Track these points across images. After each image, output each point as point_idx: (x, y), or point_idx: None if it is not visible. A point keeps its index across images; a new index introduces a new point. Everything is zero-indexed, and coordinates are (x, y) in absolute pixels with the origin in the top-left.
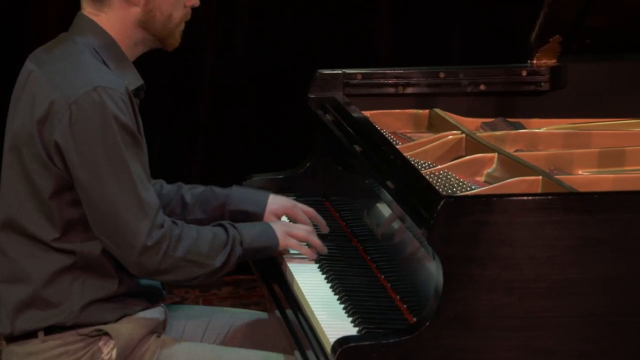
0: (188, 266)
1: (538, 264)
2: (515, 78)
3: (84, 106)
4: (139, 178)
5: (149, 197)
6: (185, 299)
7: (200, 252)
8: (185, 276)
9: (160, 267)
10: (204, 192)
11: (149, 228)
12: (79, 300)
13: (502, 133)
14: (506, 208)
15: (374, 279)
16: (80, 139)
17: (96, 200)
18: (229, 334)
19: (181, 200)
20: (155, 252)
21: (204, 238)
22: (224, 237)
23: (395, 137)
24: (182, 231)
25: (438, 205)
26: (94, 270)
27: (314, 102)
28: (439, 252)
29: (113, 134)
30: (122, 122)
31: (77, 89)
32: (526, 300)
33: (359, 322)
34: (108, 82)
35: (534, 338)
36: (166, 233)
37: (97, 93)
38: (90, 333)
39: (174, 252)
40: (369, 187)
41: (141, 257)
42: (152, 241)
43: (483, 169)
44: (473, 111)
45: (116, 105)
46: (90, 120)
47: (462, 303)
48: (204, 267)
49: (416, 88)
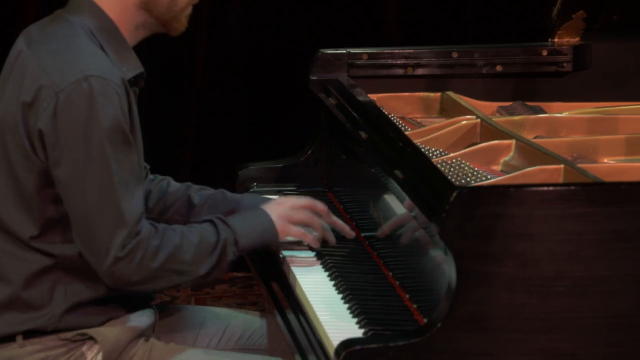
0: (167, 276)
1: (560, 261)
2: (535, 58)
3: (71, 96)
4: (121, 182)
5: (130, 204)
6: (176, 299)
7: (182, 260)
8: (165, 285)
9: (132, 278)
10: (214, 195)
11: (123, 237)
12: (62, 304)
13: (520, 118)
14: (525, 199)
15: (381, 276)
16: (62, 132)
17: (73, 202)
18: (224, 336)
19: (188, 201)
20: (127, 262)
21: (188, 243)
22: (212, 239)
23: (404, 122)
24: (162, 239)
25: (451, 197)
26: (78, 272)
27: (315, 84)
28: (452, 247)
29: (99, 130)
30: (111, 119)
31: (67, 76)
32: (546, 299)
33: (364, 323)
34: (102, 72)
35: (555, 341)
36: (142, 241)
37: (87, 83)
38: (73, 337)
39: (150, 262)
40: (376, 177)
41: (113, 267)
42: (125, 251)
43: (499, 157)
44: (489, 94)
45: (107, 98)
46: (76, 113)
47: (476, 303)
48: (186, 275)
49: (427, 69)
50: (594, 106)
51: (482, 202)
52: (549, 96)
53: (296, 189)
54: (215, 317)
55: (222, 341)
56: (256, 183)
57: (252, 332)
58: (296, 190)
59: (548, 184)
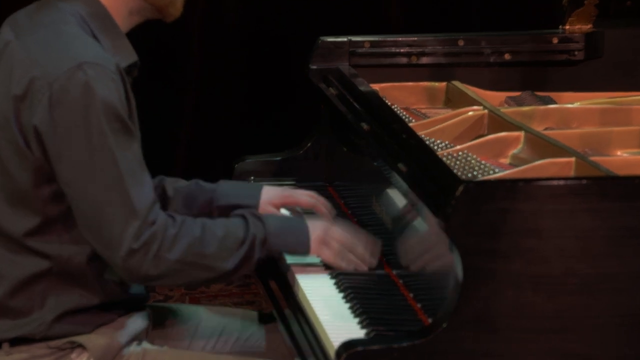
0: (188, 270)
1: (570, 257)
2: (545, 46)
3: (66, 86)
4: (128, 171)
5: (140, 193)
6: (169, 298)
7: (204, 253)
8: (186, 280)
9: (150, 272)
10: (189, 185)
11: (136, 228)
12: (53, 311)
13: (529, 109)
14: (534, 194)
15: (384, 274)
16: (61, 124)
17: (79, 196)
18: (220, 338)
19: (162, 193)
20: (143, 254)
21: (211, 235)
22: (240, 234)
23: (408, 113)
24: (180, 228)
25: (457, 191)
26: (72, 278)
27: (315, 74)
28: (458, 243)
29: (99, 119)
30: (110, 106)
31: (59, 65)
32: (556, 298)
33: (366, 323)
34: (96, 58)
35: (566, 341)
36: (157, 232)
37: (82, 71)
38: (62, 346)
39: (167, 254)
40: (378, 170)
41: (128, 261)
42: (140, 242)
43: (508, 150)
44: (496, 84)
45: (104, 85)
46: (73, 103)
47: (483, 301)
48: (210, 271)
49: (432, 58)
50: (607, 96)
51: (489, 197)
52: (560, 86)
53: (295, 183)
54: (211, 318)
55: (219, 343)
56: (253, 177)
57: (250, 333)
58: (295, 185)
59: (558, 178)
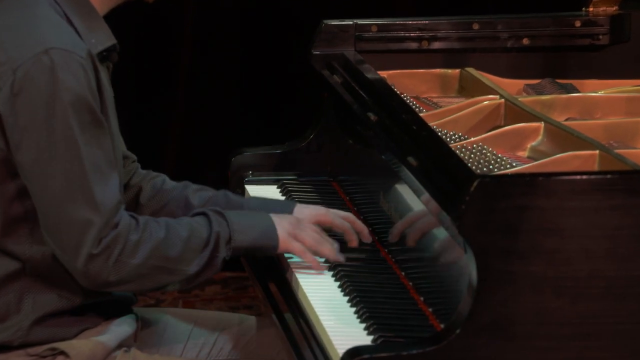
0: (151, 274)
1: (594, 259)
2: (566, 30)
3: (30, 72)
4: (93, 167)
5: (104, 192)
6: (161, 302)
7: (168, 256)
8: (149, 286)
9: (110, 278)
10: (215, 197)
11: (97, 230)
12: (30, 315)
13: (549, 98)
14: (555, 190)
15: (393, 276)
16: (23, 113)
17: (37, 190)
18: (216, 345)
19: (185, 202)
20: (104, 259)
21: (175, 237)
22: (204, 234)
23: (419, 102)
24: (143, 231)
25: (471, 186)
26: (48, 278)
27: (318, 60)
28: (473, 243)
29: (64, 109)
30: (78, 97)
31: (25, 50)
32: (579, 302)
33: (373, 329)
34: (64, 43)
35: (589, 349)
36: (120, 235)
37: (48, 56)
38: (43, 352)
39: (129, 259)
40: (386, 164)
41: (87, 265)
42: (101, 246)
43: (526, 142)
44: (514, 71)
45: (72, 73)
46: (37, 91)
47: (500, 306)
48: (174, 274)
49: (444, 42)
50: (634, 84)
51: (506, 193)
52: (583, 73)
53: (296, 178)
54: (205, 323)
55: (214, 350)
56: (251, 171)
57: (248, 339)
58: (297, 180)
59: (581, 172)
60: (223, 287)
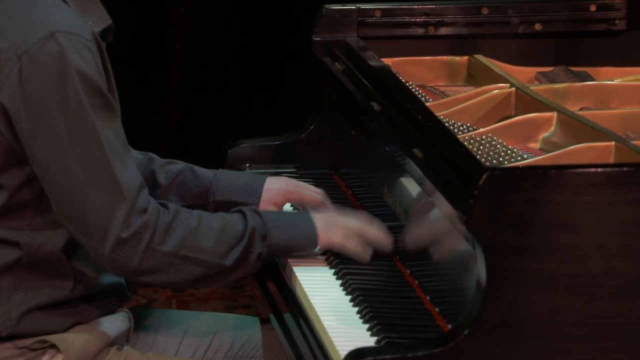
0: (183, 265)
1: (610, 256)
2: (581, 14)
3: (38, 58)
4: (111, 150)
5: (127, 174)
6: (154, 301)
7: (200, 247)
8: (180, 277)
9: (141, 265)
10: (183, 172)
11: (125, 214)
12: (20, 306)
13: (563, 86)
14: (568, 183)
15: (397, 274)
16: (33, 101)
17: (58, 180)
18: (212, 346)
19: (152, 179)
20: (133, 245)
21: (207, 228)
22: (239, 227)
23: (425, 91)
24: (174, 218)
25: (480, 180)
26: (43, 269)
27: (319, 46)
28: (481, 239)
29: (77, 94)
30: (89, 79)
31: (28, 35)
32: (594, 302)
33: (377, 330)
34: (69, 26)
35: (604, 351)
36: (149, 220)
37: (54, 40)
38: (32, 345)
39: (160, 246)
40: (391, 156)
41: (116, 251)
42: (130, 231)
43: (538, 133)
44: (526, 58)
45: (80, 56)
46: (46, 77)
47: (510, 305)
48: (208, 267)
49: (452, 28)
50: None
51: (517, 186)
52: (598, 60)
53: (296, 171)
54: (200, 323)
55: (209, 352)
56: (249, 164)
57: (245, 341)
58: (296, 173)
59: (596, 165)
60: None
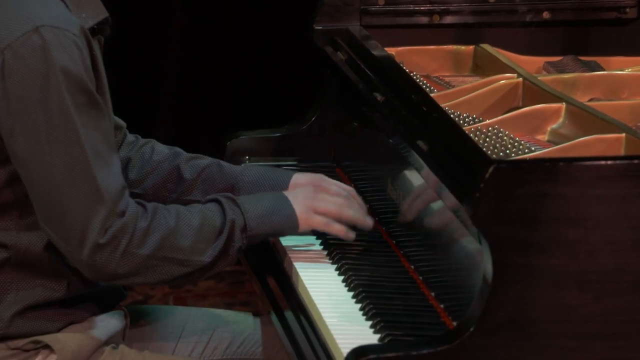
0: (162, 265)
1: (621, 251)
2: (590, 2)
3: (21, 52)
4: (93, 151)
5: (108, 177)
6: (150, 297)
7: (179, 246)
8: (159, 278)
9: (119, 270)
10: (209, 167)
11: (103, 219)
12: (11, 306)
13: (572, 76)
14: (577, 176)
15: (401, 270)
16: (15, 97)
17: (37, 180)
18: (210, 344)
19: (177, 174)
20: (111, 249)
21: (186, 226)
22: (217, 221)
23: (430, 82)
24: (152, 220)
25: (486, 173)
26: (34, 269)
27: (321, 35)
28: (488, 234)
29: (60, 91)
30: (73, 77)
31: (13, 28)
32: (604, 298)
33: (380, 327)
34: (55, 20)
35: (615, 349)
36: (127, 224)
37: (39, 35)
38: (25, 346)
39: (138, 249)
40: (394, 148)
41: (93, 256)
42: (108, 236)
43: (546, 125)
44: (533, 47)
45: (66, 52)
46: (28, 72)
47: (517, 302)
48: (187, 265)
49: (457, 17)
50: None
51: (524, 180)
52: (608, 49)
53: (297, 164)
54: (198, 320)
55: (207, 349)
56: (248, 156)
57: (244, 338)
58: (297, 165)
59: (606, 158)
60: (217, 282)
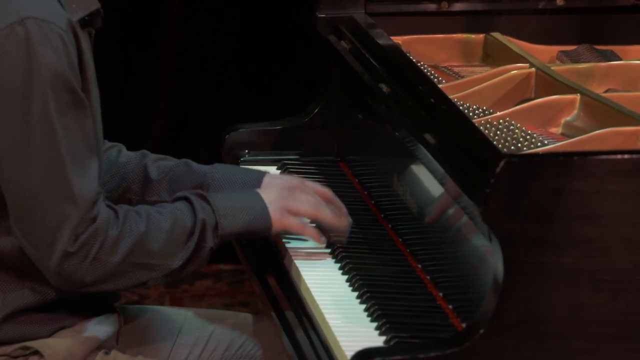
0: (131, 271)
1: (637, 249)
2: None
3: (3, 45)
4: (71, 155)
5: (82, 183)
6: (146, 298)
7: (150, 251)
8: (128, 284)
9: (86, 278)
10: (177, 166)
11: (73, 226)
12: None
13: (587, 66)
14: (592, 171)
15: (408, 269)
16: None
17: (8, 178)
18: (208, 346)
19: (143, 175)
20: (81, 257)
21: (157, 229)
22: (188, 223)
23: (438, 72)
24: (123, 225)
25: (497, 167)
26: (21, 272)
27: (324, 24)
28: (498, 231)
29: (42, 89)
30: (57, 74)
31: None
32: (620, 298)
33: (386, 329)
34: (41, 12)
35: (632, 351)
36: (98, 231)
37: (23, 27)
38: (14, 352)
39: (108, 257)
40: (401, 142)
41: (62, 264)
42: (78, 244)
43: (560, 117)
44: (547, 36)
45: (50, 46)
46: (10, 66)
47: (529, 303)
48: (156, 270)
49: (466, 4)
50: None
51: (537, 174)
52: (625, 37)
53: (299, 158)
54: (196, 321)
55: (205, 352)
56: (248, 150)
57: (243, 340)
58: (299, 160)
59: (623, 151)
60: (216, 282)
